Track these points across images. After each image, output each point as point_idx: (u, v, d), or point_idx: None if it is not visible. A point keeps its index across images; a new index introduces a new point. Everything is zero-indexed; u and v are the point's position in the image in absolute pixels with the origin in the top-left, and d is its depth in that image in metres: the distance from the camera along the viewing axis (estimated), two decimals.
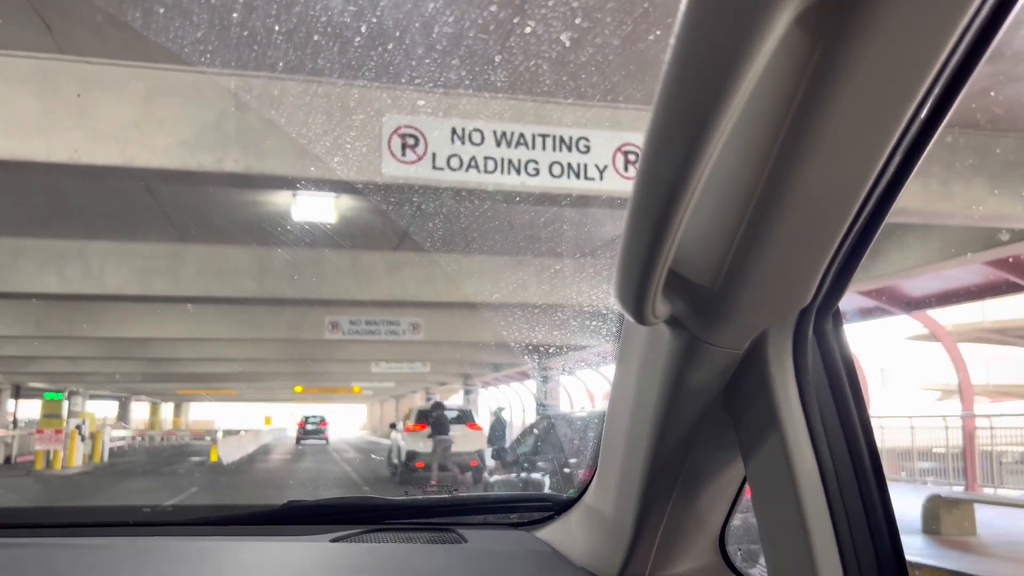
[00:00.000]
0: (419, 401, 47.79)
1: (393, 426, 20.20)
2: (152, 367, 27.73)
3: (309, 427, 38.96)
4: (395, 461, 19.47)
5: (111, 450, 30.58)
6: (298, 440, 38.62)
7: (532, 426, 13.61)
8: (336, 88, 5.65)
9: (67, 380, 33.66)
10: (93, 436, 26.30)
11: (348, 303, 13.42)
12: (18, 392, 36.74)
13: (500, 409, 21.95)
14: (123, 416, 50.00)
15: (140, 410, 60.88)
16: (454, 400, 39.72)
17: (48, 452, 22.51)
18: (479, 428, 19.11)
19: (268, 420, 55.53)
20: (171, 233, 10.65)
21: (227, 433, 43.67)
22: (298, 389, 37.88)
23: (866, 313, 14.30)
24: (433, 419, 17.42)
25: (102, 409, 54.11)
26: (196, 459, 27.61)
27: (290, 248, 10.90)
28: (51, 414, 22.71)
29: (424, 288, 12.28)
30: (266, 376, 33.47)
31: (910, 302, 13.56)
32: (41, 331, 16.36)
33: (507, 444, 15.18)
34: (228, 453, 27.57)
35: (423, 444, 18.17)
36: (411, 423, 18.93)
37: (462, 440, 18.39)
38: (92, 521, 1.63)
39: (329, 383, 37.62)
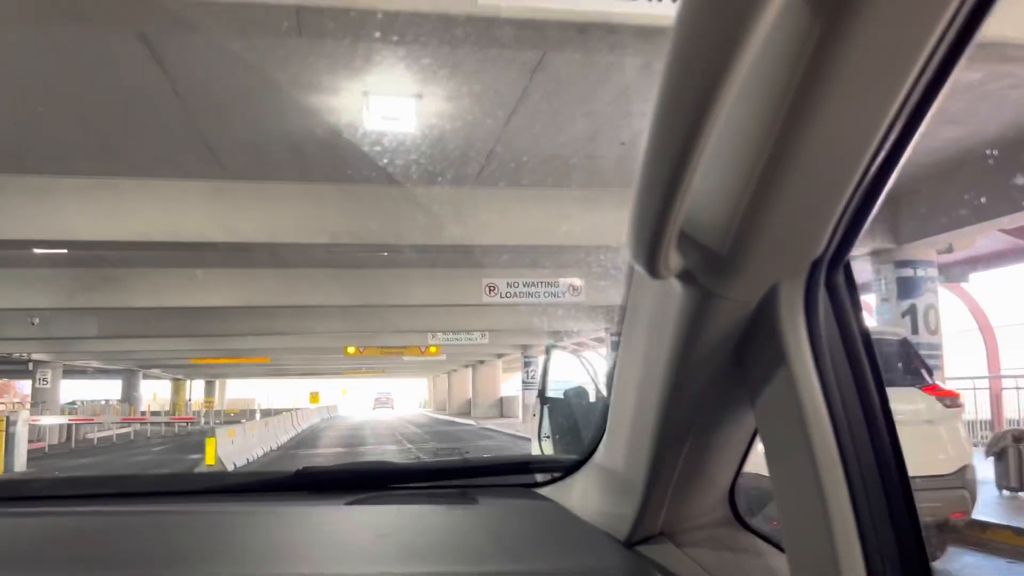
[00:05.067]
0: (485, 376, 38.01)
1: None
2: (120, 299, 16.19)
3: (381, 400, 57.92)
4: None
5: (47, 448, 20.67)
6: (374, 408, 56.49)
7: None
8: None
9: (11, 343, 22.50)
10: None
11: None
12: None
13: None
14: (129, 397, 38.88)
15: (161, 389, 50.27)
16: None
17: None
18: (956, 395, 6.28)
19: (315, 398, 44.56)
20: None
21: (265, 414, 34.09)
22: (350, 351, 26.52)
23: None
24: None
25: (104, 390, 43.40)
26: (194, 457, 17.72)
27: None
28: None
29: None
30: (310, 326, 21.68)
31: None
32: None
33: None
34: (235, 451, 16.23)
35: None
36: None
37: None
38: (104, 492, 1.64)
39: (393, 343, 26.40)
